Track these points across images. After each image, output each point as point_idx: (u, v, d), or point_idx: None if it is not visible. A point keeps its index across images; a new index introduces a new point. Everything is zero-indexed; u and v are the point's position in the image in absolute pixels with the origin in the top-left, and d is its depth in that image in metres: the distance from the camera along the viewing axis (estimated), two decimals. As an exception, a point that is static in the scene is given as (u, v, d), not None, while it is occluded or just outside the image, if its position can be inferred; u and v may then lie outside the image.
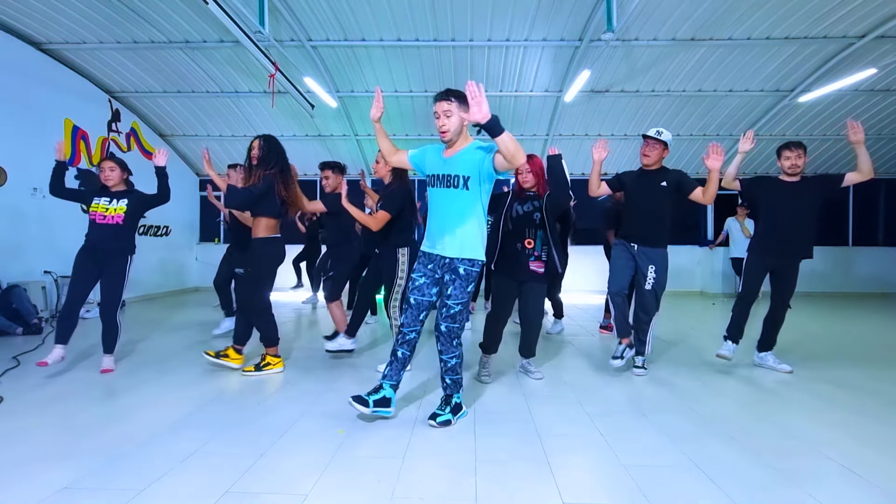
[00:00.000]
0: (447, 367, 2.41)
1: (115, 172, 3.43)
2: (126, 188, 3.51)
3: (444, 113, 2.25)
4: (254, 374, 3.23)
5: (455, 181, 2.26)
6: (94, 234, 3.32)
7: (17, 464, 1.95)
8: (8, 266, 5.14)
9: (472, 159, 2.26)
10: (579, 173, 9.27)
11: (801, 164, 3.29)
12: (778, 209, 3.31)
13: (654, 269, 3.19)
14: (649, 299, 3.20)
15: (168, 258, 8.15)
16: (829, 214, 9.06)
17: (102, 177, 3.41)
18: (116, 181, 3.43)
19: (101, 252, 3.31)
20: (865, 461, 2.02)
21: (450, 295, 2.31)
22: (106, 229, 3.30)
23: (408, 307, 2.41)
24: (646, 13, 5.67)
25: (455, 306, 2.31)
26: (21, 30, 5.66)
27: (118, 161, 3.50)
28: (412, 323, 2.40)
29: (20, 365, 3.46)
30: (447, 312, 2.33)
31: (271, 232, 3.25)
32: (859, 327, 5.46)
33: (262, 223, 3.22)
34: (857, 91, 7.10)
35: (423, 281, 2.39)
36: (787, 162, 3.31)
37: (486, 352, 3.20)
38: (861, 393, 2.96)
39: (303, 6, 5.65)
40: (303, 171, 9.29)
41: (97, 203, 3.35)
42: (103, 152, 6.85)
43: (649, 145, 3.27)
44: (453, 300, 2.31)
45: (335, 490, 1.78)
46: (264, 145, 3.26)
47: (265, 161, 3.21)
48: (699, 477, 1.89)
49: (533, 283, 3.05)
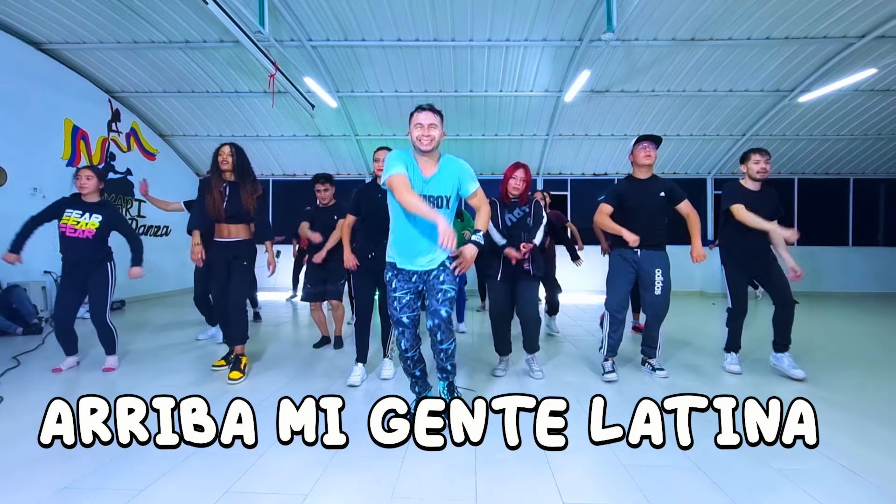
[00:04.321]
0: (448, 354, 2.38)
1: (92, 182, 3.37)
2: (99, 199, 3.45)
3: (430, 126, 2.21)
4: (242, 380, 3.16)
5: (439, 202, 2.26)
6: (67, 251, 3.29)
7: (18, 464, 1.95)
8: (8, 266, 5.12)
9: (451, 180, 2.28)
10: (579, 173, 9.29)
11: (769, 169, 3.30)
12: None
13: (660, 272, 3.19)
14: (662, 303, 3.19)
15: (168, 258, 8.14)
16: (830, 214, 9.07)
17: (78, 184, 3.35)
18: (92, 190, 3.37)
19: (80, 266, 3.31)
20: (865, 461, 2.02)
21: (443, 281, 2.28)
22: (77, 243, 3.28)
23: (403, 329, 2.34)
24: (646, 13, 5.68)
25: (451, 290, 2.29)
26: (21, 30, 5.67)
27: (96, 170, 3.45)
28: (414, 344, 2.37)
29: (20, 365, 3.47)
30: (444, 297, 2.27)
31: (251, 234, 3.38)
32: (859, 327, 5.46)
33: (244, 228, 3.33)
34: (857, 91, 7.11)
35: (408, 298, 2.33)
36: (756, 166, 3.27)
37: (501, 353, 3.31)
38: (861, 393, 2.96)
39: (303, 6, 5.65)
40: (303, 171, 9.33)
41: (69, 215, 3.29)
42: (103, 152, 6.86)
43: (647, 147, 3.22)
44: (449, 284, 2.29)
45: (335, 490, 1.78)
46: (237, 153, 3.27)
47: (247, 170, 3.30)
48: (699, 477, 1.89)
49: (526, 280, 3.13)
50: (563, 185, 9.33)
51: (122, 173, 7.29)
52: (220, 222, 3.25)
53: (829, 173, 9.02)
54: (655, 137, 3.25)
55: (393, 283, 2.35)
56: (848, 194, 9.06)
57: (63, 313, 3.33)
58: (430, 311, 2.29)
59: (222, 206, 3.19)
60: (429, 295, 2.33)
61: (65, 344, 3.39)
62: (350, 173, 9.35)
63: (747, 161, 3.32)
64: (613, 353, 3.29)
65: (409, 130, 2.27)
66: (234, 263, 3.27)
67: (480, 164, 9.14)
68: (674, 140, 8.33)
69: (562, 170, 9.20)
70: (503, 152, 8.77)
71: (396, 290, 2.34)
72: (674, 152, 8.65)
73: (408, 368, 2.44)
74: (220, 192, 3.21)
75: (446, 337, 2.33)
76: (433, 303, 2.29)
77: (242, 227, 3.31)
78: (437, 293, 2.29)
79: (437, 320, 2.26)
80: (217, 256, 3.28)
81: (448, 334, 2.33)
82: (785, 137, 8.18)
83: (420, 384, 2.50)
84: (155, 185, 8.04)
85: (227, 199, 3.21)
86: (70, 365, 3.40)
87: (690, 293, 8.63)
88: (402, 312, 2.33)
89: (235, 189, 3.23)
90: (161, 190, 8.22)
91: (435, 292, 2.29)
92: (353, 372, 3.12)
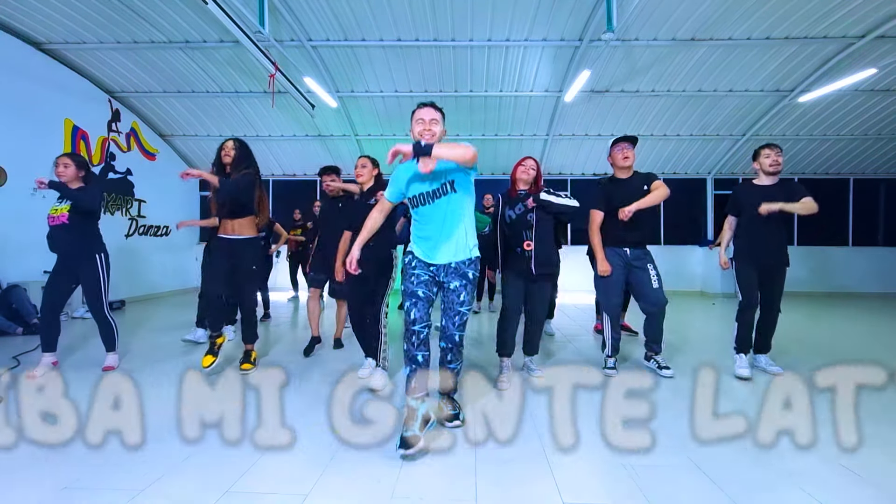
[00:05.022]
0: (453, 372, 2.39)
1: (70, 169, 3.23)
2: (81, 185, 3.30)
3: (431, 121, 2.24)
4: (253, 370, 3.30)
5: (444, 189, 2.25)
6: (51, 240, 3.22)
7: (18, 464, 1.96)
8: (8, 266, 5.14)
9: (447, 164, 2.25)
10: (579, 173, 9.29)
11: (781, 161, 3.28)
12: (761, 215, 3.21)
13: (652, 265, 3.24)
14: (660, 296, 3.21)
15: (168, 258, 8.15)
16: (830, 214, 9.07)
17: (56, 172, 3.22)
18: (71, 177, 3.23)
19: (68, 258, 3.24)
20: (865, 461, 2.02)
21: (462, 301, 2.25)
22: (57, 231, 3.19)
23: (416, 300, 2.24)
24: (646, 13, 5.68)
25: (466, 312, 2.29)
26: (21, 30, 5.67)
27: (73, 157, 3.31)
28: (423, 318, 2.24)
29: (20, 365, 3.46)
30: (460, 320, 2.25)
31: (255, 231, 3.34)
32: (859, 327, 5.46)
33: (247, 223, 3.29)
34: (857, 91, 7.10)
35: (426, 278, 2.29)
36: (767, 160, 3.27)
37: (503, 354, 3.26)
38: (861, 393, 2.96)
39: (303, 6, 5.65)
40: (303, 171, 9.33)
41: (53, 206, 3.25)
42: (103, 152, 6.86)
43: (624, 149, 3.22)
44: (466, 307, 2.27)
45: (335, 490, 1.78)
46: (239, 147, 3.25)
47: (244, 160, 3.25)
48: (699, 477, 1.89)
49: (541, 282, 3.11)
50: (563, 185, 9.32)
51: (122, 173, 7.29)
52: (221, 217, 3.25)
53: (829, 173, 9.01)
54: (631, 138, 3.26)
55: (413, 263, 2.35)
56: (848, 194, 9.06)
57: (49, 296, 3.22)
58: (446, 334, 2.28)
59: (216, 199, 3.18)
60: (445, 311, 2.30)
61: (45, 334, 3.24)
62: (350, 173, 9.32)
63: (758, 157, 3.34)
64: (616, 352, 3.40)
65: (411, 128, 2.29)
66: (241, 268, 3.26)
67: (481, 164, 9.10)
68: (674, 140, 8.33)
69: (562, 170, 9.20)
70: (503, 152, 8.77)
71: (416, 268, 2.32)
72: (674, 152, 8.65)
73: (410, 349, 2.23)
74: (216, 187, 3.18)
75: (455, 358, 2.33)
76: (449, 325, 2.27)
77: (246, 224, 3.26)
78: (454, 315, 2.26)
79: (451, 344, 2.28)
80: (219, 253, 3.27)
81: (457, 356, 2.34)
82: (785, 137, 8.18)
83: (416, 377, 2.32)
84: (155, 184, 8.09)
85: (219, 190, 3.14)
86: (45, 366, 3.21)
87: (690, 293, 8.63)
88: (419, 287, 2.27)
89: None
90: (161, 190, 8.27)
91: (452, 313, 2.26)
92: (364, 365, 3.21)
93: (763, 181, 3.35)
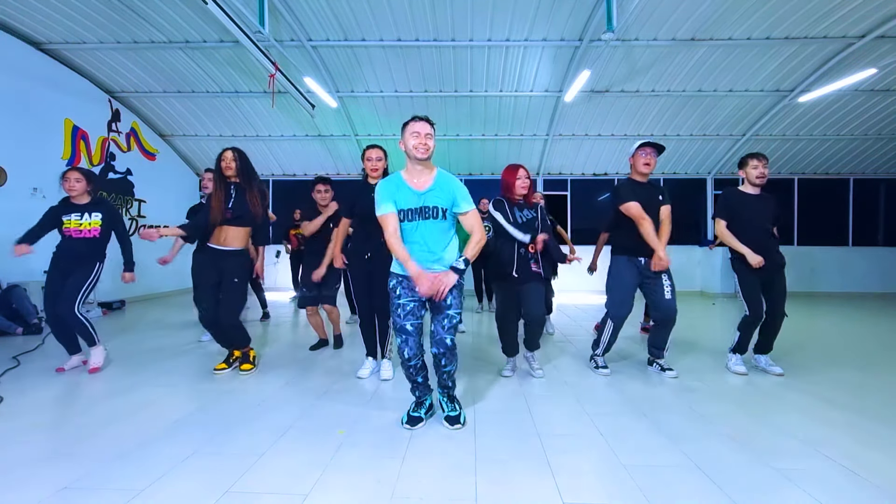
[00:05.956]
0: (450, 374, 2.40)
1: (81, 184, 3.31)
2: (90, 199, 3.40)
3: (426, 135, 2.24)
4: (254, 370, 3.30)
5: (434, 212, 2.25)
6: (66, 245, 3.26)
7: (18, 464, 1.95)
8: (8, 266, 5.13)
9: (447, 194, 2.26)
10: (579, 173, 9.29)
11: (767, 174, 3.31)
12: (753, 222, 3.29)
13: (665, 275, 3.22)
14: (674, 306, 3.20)
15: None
16: (829, 214, 9.08)
17: (66, 186, 3.29)
18: (80, 192, 3.32)
19: (72, 261, 3.27)
20: (865, 461, 2.02)
21: (450, 305, 2.26)
22: (81, 242, 3.28)
23: (407, 336, 2.27)
24: (646, 13, 5.68)
25: (456, 316, 2.29)
26: (21, 30, 5.67)
27: (84, 172, 3.39)
28: (417, 353, 2.31)
29: (20, 365, 3.47)
30: (450, 324, 2.27)
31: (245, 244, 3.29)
32: (859, 327, 5.46)
33: (242, 233, 3.23)
34: (857, 91, 7.11)
35: (413, 305, 2.29)
36: (755, 171, 3.28)
37: (510, 354, 3.32)
38: (861, 393, 2.96)
39: (303, 6, 5.65)
40: (303, 171, 9.34)
41: (69, 220, 3.28)
42: (103, 152, 6.86)
43: (649, 154, 3.20)
44: (454, 309, 2.28)
45: (335, 490, 1.77)
46: (240, 157, 3.20)
47: (249, 171, 3.22)
48: (699, 477, 1.89)
49: (533, 282, 3.11)
50: (563, 185, 9.33)
51: (122, 173, 7.29)
52: (221, 224, 3.15)
53: (829, 173, 9.01)
54: (659, 146, 3.22)
55: (397, 290, 2.31)
56: (848, 194, 9.06)
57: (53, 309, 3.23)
58: (436, 339, 2.27)
59: (228, 206, 3.12)
60: (434, 318, 2.31)
61: (64, 342, 3.34)
62: (350, 173, 9.36)
63: (745, 166, 3.33)
64: (607, 352, 3.46)
65: (402, 139, 2.28)
66: (225, 279, 3.18)
67: (480, 165, 9.15)
68: (674, 140, 8.33)
69: (562, 170, 9.21)
70: (503, 152, 8.77)
71: (401, 298, 2.30)
72: (674, 152, 8.64)
73: (410, 375, 2.40)
74: (226, 193, 3.15)
75: (449, 361, 2.33)
76: (439, 330, 2.27)
77: (241, 234, 3.21)
78: (443, 319, 2.27)
79: (443, 349, 2.27)
80: (206, 262, 3.21)
81: (451, 359, 2.34)
82: (785, 137, 8.18)
83: (421, 389, 2.47)
84: (155, 184, 8.08)
85: (234, 200, 3.14)
86: (74, 364, 3.37)
87: (690, 293, 8.63)
88: (406, 320, 2.27)
89: (241, 192, 3.17)
90: (161, 190, 8.27)
91: (441, 317, 2.27)
92: (364, 365, 3.26)
93: (748, 189, 3.36)
